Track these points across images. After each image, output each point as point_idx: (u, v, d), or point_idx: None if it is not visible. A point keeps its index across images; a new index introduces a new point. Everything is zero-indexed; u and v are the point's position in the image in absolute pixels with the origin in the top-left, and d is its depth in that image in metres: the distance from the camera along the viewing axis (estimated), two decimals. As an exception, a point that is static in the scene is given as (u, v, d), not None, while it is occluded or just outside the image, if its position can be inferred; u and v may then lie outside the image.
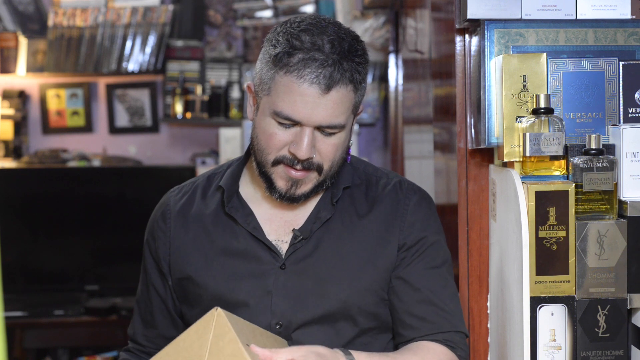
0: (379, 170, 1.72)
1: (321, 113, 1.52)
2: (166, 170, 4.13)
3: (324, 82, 1.50)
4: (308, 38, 1.52)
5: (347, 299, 1.61)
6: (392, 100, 3.60)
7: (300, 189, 1.59)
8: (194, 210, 1.69)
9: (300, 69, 1.50)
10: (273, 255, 1.61)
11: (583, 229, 1.56)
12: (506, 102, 1.62)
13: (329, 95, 1.51)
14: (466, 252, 1.81)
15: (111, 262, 4.08)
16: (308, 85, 1.50)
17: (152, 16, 4.08)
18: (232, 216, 1.65)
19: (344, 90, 1.53)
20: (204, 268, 1.64)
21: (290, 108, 1.52)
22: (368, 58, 1.59)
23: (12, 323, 3.86)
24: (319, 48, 1.51)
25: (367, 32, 3.87)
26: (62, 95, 4.33)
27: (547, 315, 1.57)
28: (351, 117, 1.59)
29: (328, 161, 1.58)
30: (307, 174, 1.58)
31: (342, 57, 1.52)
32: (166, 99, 4.19)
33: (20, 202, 4.09)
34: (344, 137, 1.58)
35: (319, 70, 1.50)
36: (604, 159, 1.58)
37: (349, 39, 1.55)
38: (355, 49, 1.55)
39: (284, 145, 1.56)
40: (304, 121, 1.53)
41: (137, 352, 1.76)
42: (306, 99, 1.51)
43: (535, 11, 1.68)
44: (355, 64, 1.54)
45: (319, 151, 1.56)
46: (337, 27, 1.56)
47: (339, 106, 1.53)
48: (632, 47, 1.67)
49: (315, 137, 1.55)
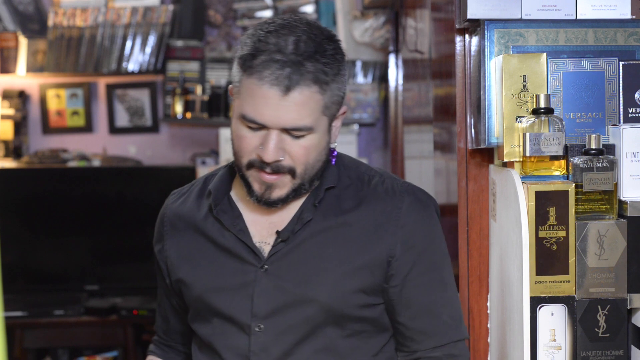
0: (373, 170, 1.66)
1: (284, 115, 1.49)
2: (166, 170, 4.13)
3: (283, 83, 1.47)
4: (273, 40, 1.49)
5: (327, 303, 1.57)
6: (392, 100, 3.59)
7: (274, 192, 1.56)
8: (187, 213, 1.70)
9: (261, 71, 1.48)
10: (256, 258, 1.61)
11: (583, 229, 1.56)
12: (506, 102, 1.62)
13: (289, 97, 1.48)
14: (466, 252, 1.81)
15: (111, 262, 4.08)
16: (268, 87, 1.48)
17: (152, 16, 4.08)
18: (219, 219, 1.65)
19: (307, 91, 1.49)
20: (192, 270, 1.66)
21: (254, 111, 1.50)
22: (341, 57, 1.54)
23: (12, 323, 3.86)
24: (280, 49, 1.48)
25: (367, 32, 3.86)
26: (62, 95, 4.33)
27: (547, 315, 1.57)
28: (323, 119, 1.54)
29: (301, 164, 1.54)
30: (280, 177, 1.55)
31: (305, 57, 1.48)
32: (166, 99, 4.19)
33: (20, 202, 4.09)
34: (316, 139, 1.54)
35: (278, 72, 1.47)
36: (604, 159, 1.58)
37: (320, 38, 1.51)
38: (323, 49, 1.50)
39: (253, 149, 1.53)
40: (268, 124, 1.50)
41: (159, 344, 1.84)
42: (268, 101, 1.49)
43: (535, 11, 1.68)
44: (322, 64, 1.49)
45: (289, 154, 1.53)
46: (310, 27, 1.52)
47: (302, 108, 1.49)
48: (632, 47, 1.67)
49: (283, 139, 1.52)
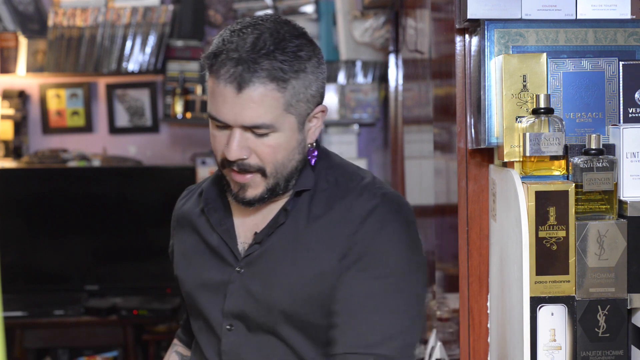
0: (354, 173, 1.63)
1: (241, 113, 1.49)
2: (166, 170, 4.13)
3: (236, 81, 1.47)
4: (235, 39, 1.49)
5: (287, 310, 1.55)
6: (392, 100, 3.59)
7: (248, 192, 1.56)
8: (187, 210, 1.73)
9: (218, 69, 1.49)
10: (234, 258, 1.62)
11: (583, 229, 1.56)
12: (506, 102, 1.62)
13: (244, 95, 1.48)
14: (466, 252, 1.81)
15: (111, 262, 4.08)
16: (224, 85, 1.48)
17: (152, 16, 4.08)
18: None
19: (262, 89, 1.47)
20: (185, 267, 1.70)
21: (215, 109, 1.51)
22: (307, 55, 1.51)
23: (12, 323, 3.86)
24: (237, 47, 1.48)
25: (367, 32, 3.86)
26: (62, 95, 4.33)
27: (547, 315, 1.57)
28: (289, 117, 1.52)
29: (269, 163, 1.53)
30: (250, 176, 1.54)
31: (261, 55, 1.47)
32: (166, 99, 4.19)
33: (20, 202, 4.10)
34: (282, 138, 1.52)
35: (232, 70, 1.47)
36: (604, 159, 1.57)
37: (284, 36, 1.50)
38: (284, 46, 1.49)
39: (222, 147, 1.54)
40: (228, 121, 1.50)
41: (183, 328, 1.90)
42: (225, 99, 1.49)
43: (535, 11, 1.68)
44: (279, 61, 1.47)
45: (256, 153, 1.52)
46: (276, 25, 1.52)
47: (259, 106, 1.48)
48: (632, 47, 1.67)
49: (247, 138, 1.51)
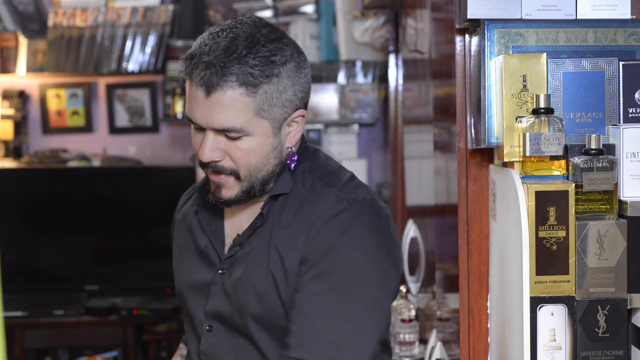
0: (333, 175, 1.61)
1: (211, 116, 1.50)
2: (166, 170, 4.12)
3: (206, 84, 1.48)
4: (210, 42, 1.50)
5: (256, 312, 1.56)
6: (392, 100, 3.59)
7: (223, 192, 1.57)
8: (185, 209, 1.75)
9: (192, 72, 1.50)
10: (218, 259, 1.64)
11: (583, 229, 1.56)
12: (506, 102, 1.62)
13: (213, 98, 1.48)
14: (466, 252, 1.81)
15: (111, 262, 4.08)
16: (195, 88, 1.50)
17: (152, 16, 4.07)
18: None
19: (231, 93, 1.48)
20: (177, 266, 1.72)
21: (190, 110, 1.53)
22: (280, 60, 1.50)
23: (12, 323, 3.86)
24: (209, 51, 1.48)
25: (367, 32, 3.86)
26: (62, 95, 4.33)
27: (547, 315, 1.57)
28: (261, 122, 1.51)
29: (242, 167, 1.54)
30: (224, 178, 1.55)
31: (232, 59, 1.46)
32: (166, 99, 4.19)
33: (20, 202, 4.10)
34: (255, 142, 1.52)
35: (202, 73, 1.48)
36: (604, 159, 1.57)
37: (259, 40, 1.49)
38: (257, 50, 1.48)
39: (199, 148, 1.56)
40: (201, 124, 1.52)
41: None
42: (197, 101, 1.51)
43: (535, 11, 1.68)
44: (249, 66, 1.47)
45: (230, 156, 1.53)
46: (253, 29, 1.51)
47: (228, 110, 1.48)
48: (632, 47, 1.67)
49: (219, 141, 1.53)
